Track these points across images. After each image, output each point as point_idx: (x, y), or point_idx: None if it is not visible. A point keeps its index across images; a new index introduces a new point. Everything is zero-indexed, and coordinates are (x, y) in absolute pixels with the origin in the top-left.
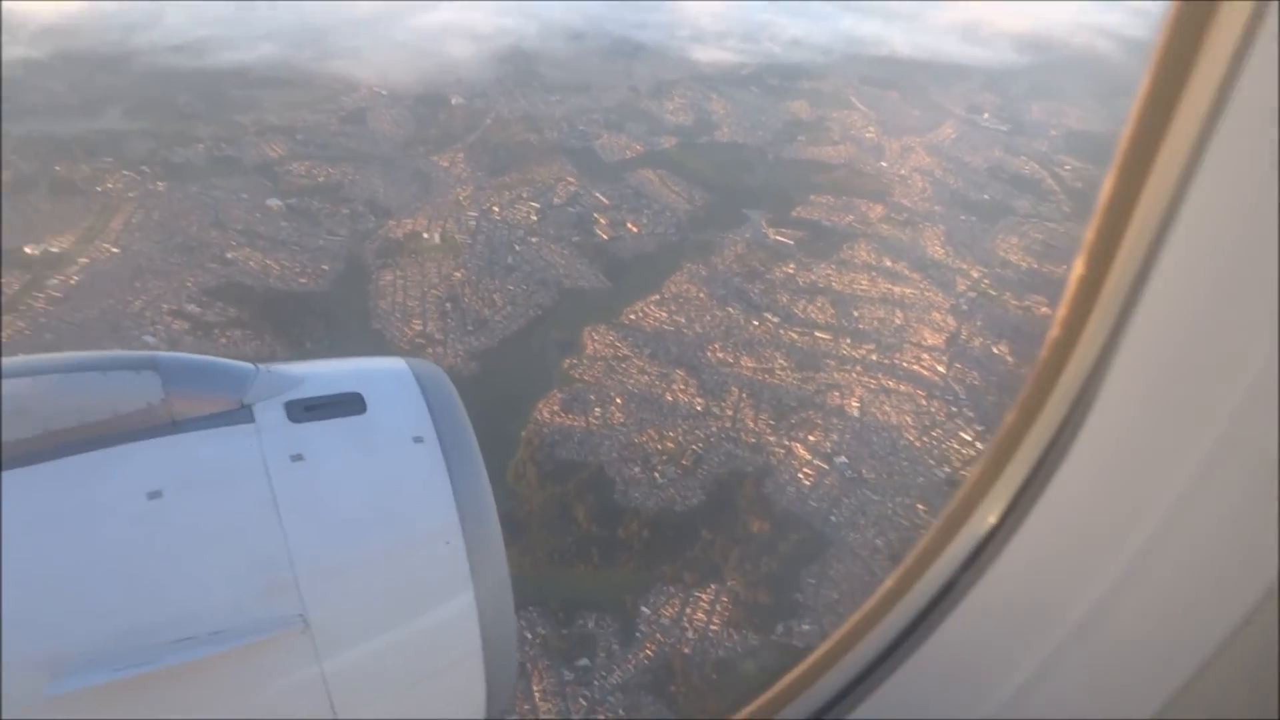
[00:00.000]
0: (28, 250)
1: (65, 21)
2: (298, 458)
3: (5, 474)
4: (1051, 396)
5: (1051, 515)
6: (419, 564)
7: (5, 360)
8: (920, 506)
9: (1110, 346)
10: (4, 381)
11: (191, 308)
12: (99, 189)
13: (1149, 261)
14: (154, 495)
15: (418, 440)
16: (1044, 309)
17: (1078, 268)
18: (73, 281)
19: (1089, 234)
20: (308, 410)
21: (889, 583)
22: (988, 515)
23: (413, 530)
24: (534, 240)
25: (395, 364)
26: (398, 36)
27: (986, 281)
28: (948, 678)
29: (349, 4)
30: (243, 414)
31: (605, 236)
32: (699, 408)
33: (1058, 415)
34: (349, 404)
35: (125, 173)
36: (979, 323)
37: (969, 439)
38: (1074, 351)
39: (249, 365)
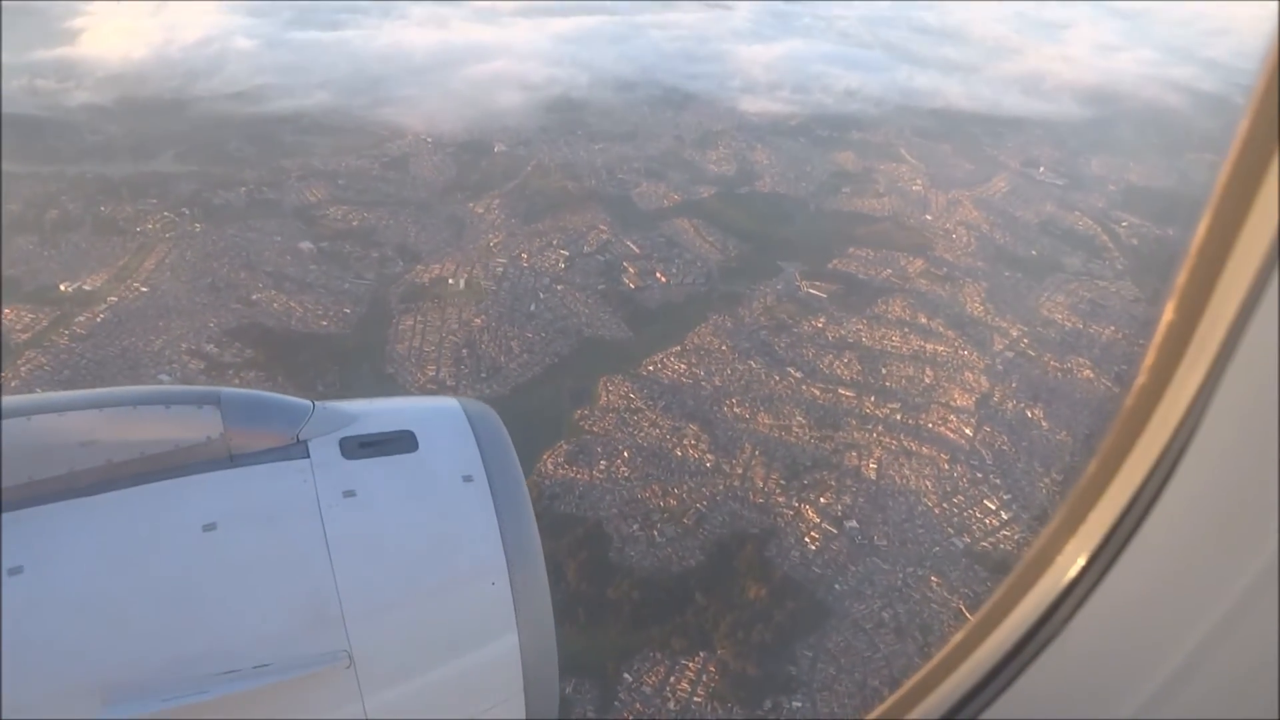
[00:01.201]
0: (62, 288)
1: (130, 68)
2: (350, 494)
3: (67, 503)
4: (1139, 444)
5: (1141, 562)
6: (464, 604)
7: (75, 392)
8: (933, 579)
9: (1203, 395)
10: (71, 415)
11: (210, 348)
12: (139, 229)
13: (1248, 307)
14: (209, 528)
15: (467, 479)
16: (1086, 371)
17: (1167, 313)
18: (99, 319)
19: (1180, 278)
20: (361, 447)
21: (983, 611)
22: (1074, 559)
23: (459, 569)
24: (559, 288)
25: (447, 403)
26: (449, 85)
27: (1026, 341)
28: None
29: (405, 53)
30: (298, 450)
31: (632, 286)
32: (708, 464)
33: (1147, 462)
34: (401, 442)
35: (166, 214)
36: (1014, 384)
37: (992, 507)
38: (1162, 399)
39: (306, 402)
